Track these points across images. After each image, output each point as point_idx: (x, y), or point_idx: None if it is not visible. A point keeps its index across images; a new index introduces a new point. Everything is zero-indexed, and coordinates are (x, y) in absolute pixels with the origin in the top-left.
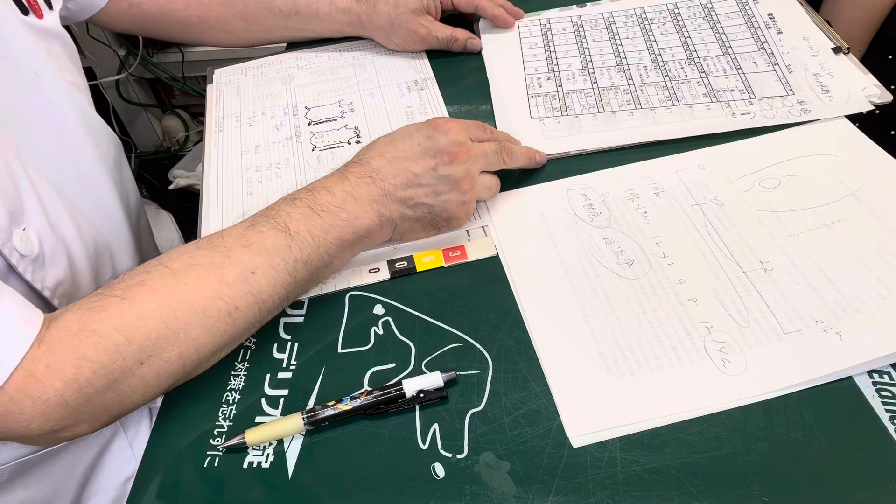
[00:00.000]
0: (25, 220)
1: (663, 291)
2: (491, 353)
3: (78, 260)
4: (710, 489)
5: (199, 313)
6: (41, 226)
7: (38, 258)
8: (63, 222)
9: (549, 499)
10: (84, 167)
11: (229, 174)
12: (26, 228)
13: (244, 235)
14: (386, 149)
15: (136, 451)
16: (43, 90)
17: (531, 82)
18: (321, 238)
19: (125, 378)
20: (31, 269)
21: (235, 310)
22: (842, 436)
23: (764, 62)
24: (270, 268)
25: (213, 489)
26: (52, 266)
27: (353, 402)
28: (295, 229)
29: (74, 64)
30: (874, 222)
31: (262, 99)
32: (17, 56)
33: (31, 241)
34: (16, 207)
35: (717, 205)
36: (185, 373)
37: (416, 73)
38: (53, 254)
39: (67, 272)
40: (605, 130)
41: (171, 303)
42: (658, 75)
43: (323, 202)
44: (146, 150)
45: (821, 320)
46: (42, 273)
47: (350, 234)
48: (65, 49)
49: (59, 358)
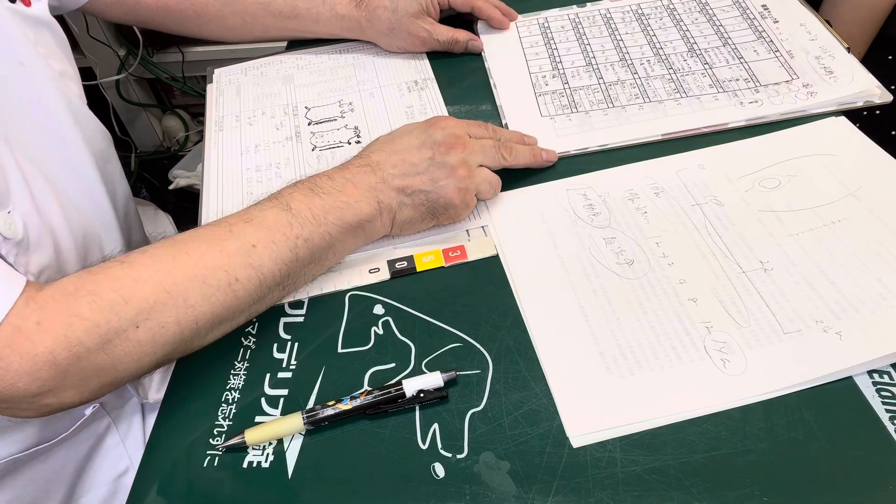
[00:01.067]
0: (11, 203)
1: (663, 291)
2: (491, 353)
3: (65, 247)
4: (710, 489)
5: (199, 281)
6: (27, 210)
7: (22, 242)
8: (50, 208)
9: (549, 499)
10: (72, 155)
11: (229, 174)
12: (11, 212)
13: (246, 212)
14: (385, 145)
15: (128, 446)
16: (28, 79)
17: (537, 81)
18: (322, 217)
19: (118, 340)
20: (15, 253)
21: (236, 281)
22: (842, 436)
23: (765, 50)
24: (271, 242)
25: (213, 489)
26: (36, 251)
27: (353, 401)
28: (296, 208)
29: (65, 52)
30: (874, 222)
31: (262, 99)
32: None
33: (14, 225)
34: (1, 190)
35: (717, 205)
36: (183, 342)
37: (417, 74)
38: (39, 239)
39: (53, 258)
40: (618, 125)
41: (171, 269)
42: (662, 68)
43: (323, 185)
44: (146, 150)
45: (821, 320)
46: (26, 258)
47: (351, 217)
48: (54, 37)
49: (51, 315)
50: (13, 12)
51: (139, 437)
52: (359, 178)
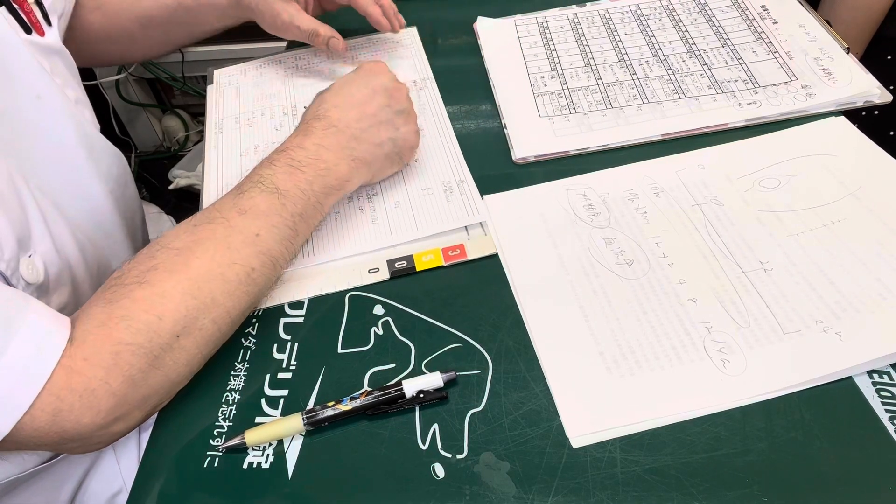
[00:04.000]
0: (32, 245)
1: (663, 291)
2: (491, 353)
3: (81, 283)
4: (710, 489)
5: (220, 280)
6: (47, 250)
7: (42, 285)
8: (67, 245)
9: (549, 499)
10: (85, 188)
11: (229, 176)
12: (32, 255)
13: (237, 205)
14: (336, 99)
15: (122, 467)
16: (45, 112)
17: (535, 81)
18: (308, 189)
19: (166, 354)
20: (36, 296)
21: (252, 270)
22: (842, 436)
23: (763, 51)
24: (272, 226)
25: (213, 489)
26: (56, 291)
27: (353, 402)
28: (284, 188)
29: (76, 79)
30: (874, 222)
31: (262, 99)
32: (20, 78)
33: (36, 269)
34: (24, 233)
35: (717, 205)
36: (222, 335)
37: (416, 73)
38: (58, 279)
39: (71, 296)
40: (615, 126)
41: (190, 276)
42: (661, 69)
43: (300, 157)
44: (146, 150)
45: (821, 320)
46: (46, 298)
47: (333, 181)
48: (66, 65)
49: (94, 348)
50: (29, 44)
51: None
52: (329, 142)
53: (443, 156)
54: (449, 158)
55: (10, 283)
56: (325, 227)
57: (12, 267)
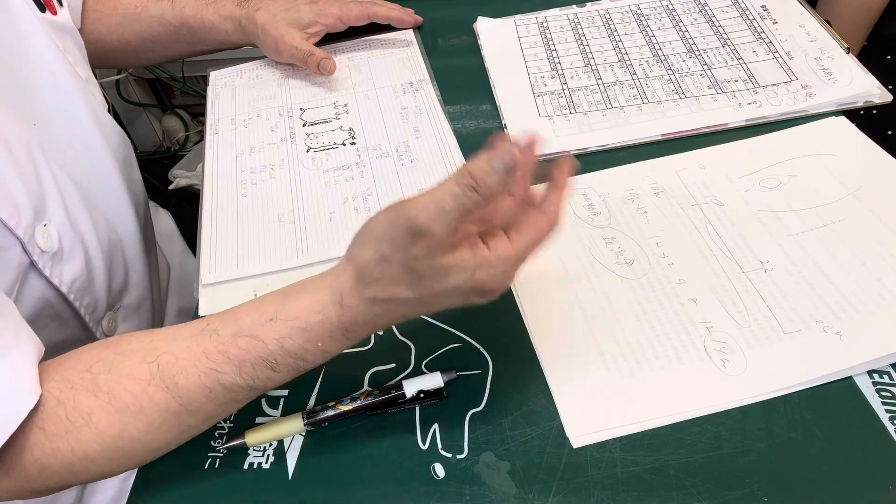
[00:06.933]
0: (47, 215)
1: (663, 291)
2: (491, 353)
3: (94, 256)
4: (710, 489)
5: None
6: (61, 221)
7: (56, 254)
8: (81, 218)
9: (549, 499)
10: (98, 163)
11: (224, 177)
12: (47, 224)
13: (206, 386)
14: None
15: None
16: (60, 88)
17: (535, 81)
18: None
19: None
20: (51, 265)
21: (212, 417)
22: (842, 436)
23: (763, 51)
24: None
25: (214, 490)
26: (69, 262)
27: (354, 402)
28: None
29: (84, 59)
30: (874, 222)
31: (258, 101)
32: (35, 53)
33: (51, 237)
34: (40, 203)
35: (717, 205)
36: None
37: (412, 75)
38: (71, 249)
39: (83, 268)
40: (615, 126)
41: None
42: (661, 69)
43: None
44: (146, 150)
45: (821, 320)
46: (60, 268)
47: None
48: (76, 45)
49: None
50: (43, 21)
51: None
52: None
53: (441, 157)
54: (447, 159)
55: (26, 249)
56: (322, 227)
57: (29, 234)
